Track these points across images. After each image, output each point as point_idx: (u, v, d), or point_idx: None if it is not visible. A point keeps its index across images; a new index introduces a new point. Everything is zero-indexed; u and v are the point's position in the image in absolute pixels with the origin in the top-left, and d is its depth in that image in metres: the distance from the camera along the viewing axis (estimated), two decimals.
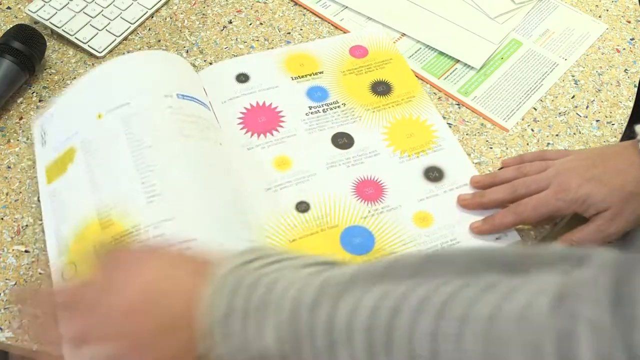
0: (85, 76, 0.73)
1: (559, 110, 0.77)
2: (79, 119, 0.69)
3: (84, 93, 0.71)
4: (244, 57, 0.80)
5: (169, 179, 0.63)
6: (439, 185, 0.70)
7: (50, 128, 0.71)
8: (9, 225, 0.68)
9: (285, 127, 0.73)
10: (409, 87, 0.78)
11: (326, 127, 0.74)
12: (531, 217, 0.64)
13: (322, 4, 0.87)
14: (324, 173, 0.70)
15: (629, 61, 0.82)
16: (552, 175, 0.65)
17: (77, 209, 0.64)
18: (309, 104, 0.76)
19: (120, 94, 0.68)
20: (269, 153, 0.71)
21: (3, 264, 0.65)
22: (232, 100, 0.75)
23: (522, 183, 0.65)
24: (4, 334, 0.60)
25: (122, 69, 0.72)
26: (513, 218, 0.64)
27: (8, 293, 0.63)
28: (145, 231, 0.60)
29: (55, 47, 0.82)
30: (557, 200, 0.63)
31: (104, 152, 0.65)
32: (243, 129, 0.73)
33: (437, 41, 0.83)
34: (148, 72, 0.71)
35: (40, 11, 0.83)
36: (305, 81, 0.77)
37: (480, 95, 0.78)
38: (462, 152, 0.73)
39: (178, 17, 0.86)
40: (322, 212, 0.67)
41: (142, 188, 0.62)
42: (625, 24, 0.86)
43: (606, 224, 0.62)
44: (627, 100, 0.78)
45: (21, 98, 0.77)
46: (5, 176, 0.71)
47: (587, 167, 0.64)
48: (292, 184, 0.69)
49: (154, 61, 0.73)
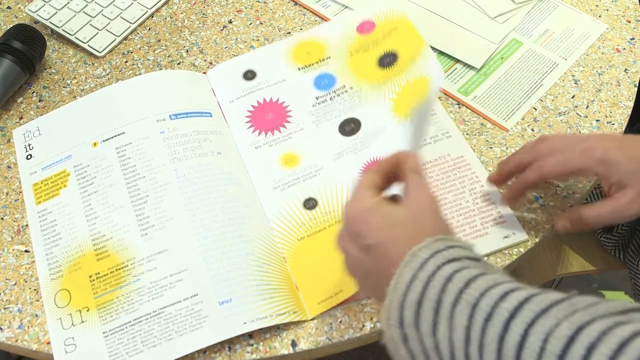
0: (82, 99, 0.74)
1: (559, 110, 0.77)
2: (72, 144, 0.71)
3: (80, 117, 0.73)
4: (252, 53, 0.80)
5: (162, 209, 0.65)
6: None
7: (38, 143, 0.72)
8: (9, 225, 0.67)
9: (292, 122, 0.74)
10: (413, 49, 0.75)
11: (333, 115, 0.74)
12: (552, 173, 0.61)
13: (322, 4, 0.87)
14: (332, 165, 0.70)
15: (629, 61, 0.82)
16: (578, 139, 0.62)
17: (72, 236, 0.65)
18: (315, 94, 0.76)
19: (115, 122, 0.71)
20: (277, 151, 0.72)
21: (3, 264, 0.65)
22: (240, 99, 0.75)
23: (544, 146, 0.63)
24: (4, 334, 0.60)
25: (119, 94, 0.73)
26: (533, 175, 0.62)
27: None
28: (139, 264, 0.63)
29: (55, 47, 0.82)
30: (583, 158, 0.60)
31: (99, 182, 0.68)
32: (251, 127, 0.73)
33: (437, 41, 0.83)
34: (143, 96, 0.73)
35: (40, 11, 0.83)
36: (312, 70, 0.78)
37: (480, 95, 0.78)
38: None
39: (178, 17, 0.86)
40: (330, 207, 0.67)
41: (137, 221, 0.65)
42: (625, 24, 0.86)
43: (627, 205, 0.59)
44: (627, 100, 0.78)
45: (21, 98, 0.77)
46: (5, 176, 0.71)
47: (617, 139, 0.61)
48: (300, 181, 0.69)
49: (150, 84, 0.74)
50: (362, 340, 0.62)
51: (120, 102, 0.73)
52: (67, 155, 0.70)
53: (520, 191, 0.65)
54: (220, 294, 0.61)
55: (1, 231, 0.67)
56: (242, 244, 0.63)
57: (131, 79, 0.75)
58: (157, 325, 0.59)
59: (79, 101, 0.74)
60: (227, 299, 0.60)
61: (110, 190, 0.67)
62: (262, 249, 0.64)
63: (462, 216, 0.67)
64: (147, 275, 0.62)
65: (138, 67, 0.80)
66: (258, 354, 0.60)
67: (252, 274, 0.62)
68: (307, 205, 0.67)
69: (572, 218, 0.63)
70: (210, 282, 0.61)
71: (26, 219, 0.68)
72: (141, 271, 0.62)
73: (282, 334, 0.61)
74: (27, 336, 0.60)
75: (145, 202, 0.66)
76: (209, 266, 0.62)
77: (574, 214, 0.63)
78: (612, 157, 0.59)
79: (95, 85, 0.78)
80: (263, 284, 0.62)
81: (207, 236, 0.64)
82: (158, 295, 0.61)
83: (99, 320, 0.60)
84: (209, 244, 0.63)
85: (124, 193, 0.66)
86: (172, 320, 0.60)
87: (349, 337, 0.61)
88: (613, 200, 0.60)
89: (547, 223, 0.68)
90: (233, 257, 0.63)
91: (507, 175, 0.67)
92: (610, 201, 0.60)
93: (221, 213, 0.65)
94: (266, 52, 0.80)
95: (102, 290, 0.62)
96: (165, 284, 0.61)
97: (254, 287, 0.61)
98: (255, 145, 0.72)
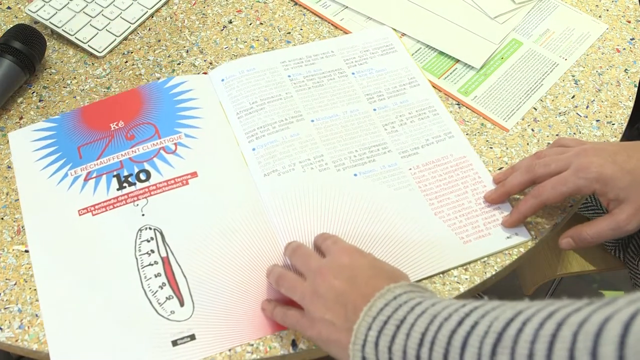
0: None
1: (559, 110, 0.77)
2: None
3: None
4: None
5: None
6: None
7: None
8: (9, 225, 0.67)
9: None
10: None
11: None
12: (551, 198, 0.62)
13: (322, 4, 0.87)
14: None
15: (629, 61, 0.82)
16: (572, 155, 0.62)
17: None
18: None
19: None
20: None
21: (3, 264, 0.65)
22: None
23: (542, 163, 0.64)
24: (4, 334, 0.60)
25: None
26: (533, 201, 0.63)
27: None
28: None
29: (55, 47, 0.82)
30: (578, 178, 0.60)
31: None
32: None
33: (437, 41, 0.83)
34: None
35: (40, 11, 0.83)
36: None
37: (480, 95, 0.78)
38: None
39: (178, 17, 0.86)
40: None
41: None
42: (625, 24, 0.86)
43: (625, 220, 0.60)
44: (627, 100, 0.78)
45: (21, 98, 0.77)
46: (5, 176, 0.71)
47: (611, 152, 0.61)
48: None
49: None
50: None
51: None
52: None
53: (522, 215, 0.66)
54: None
55: (1, 231, 0.67)
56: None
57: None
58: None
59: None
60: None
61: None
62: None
63: (464, 217, 0.67)
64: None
65: (138, 67, 0.80)
66: (258, 354, 0.59)
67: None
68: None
69: (574, 236, 0.64)
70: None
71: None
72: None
73: (282, 334, 0.61)
74: (27, 336, 0.60)
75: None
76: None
77: (576, 232, 0.63)
78: (607, 174, 0.59)
79: (95, 86, 0.78)
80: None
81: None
82: None
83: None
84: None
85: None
86: None
87: None
88: (612, 216, 0.61)
89: (547, 223, 0.68)
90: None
91: (505, 195, 0.67)
92: (610, 217, 0.61)
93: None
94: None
95: None
96: None
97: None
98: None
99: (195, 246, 0.65)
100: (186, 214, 0.67)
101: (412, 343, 0.48)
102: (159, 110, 0.75)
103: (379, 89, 0.78)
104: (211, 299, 0.62)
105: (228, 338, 0.60)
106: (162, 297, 0.62)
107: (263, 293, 0.62)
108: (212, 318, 0.61)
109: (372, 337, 0.50)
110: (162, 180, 0.69)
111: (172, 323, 0.60)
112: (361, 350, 0.50)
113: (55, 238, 0.66)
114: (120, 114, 0.75)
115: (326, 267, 0.56)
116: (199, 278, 0.63)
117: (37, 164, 0.71)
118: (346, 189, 0.69)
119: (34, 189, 0.69)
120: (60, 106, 0.76)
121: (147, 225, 0.66)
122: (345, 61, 0.80)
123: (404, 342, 0.48)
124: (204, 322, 0.60)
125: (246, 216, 0.67)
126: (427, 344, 0.47)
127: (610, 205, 0.61)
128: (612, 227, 0.60)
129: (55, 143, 0.73)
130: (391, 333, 0.49)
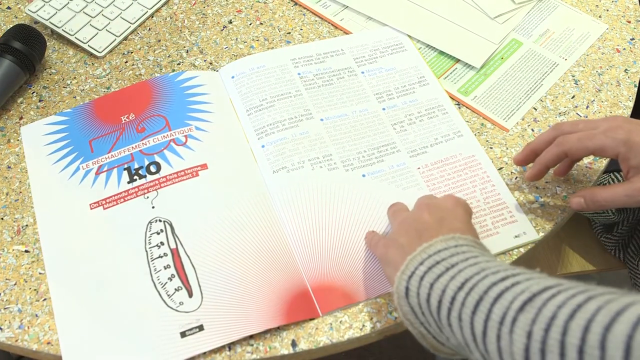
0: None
1: (559, 110, 0.77)
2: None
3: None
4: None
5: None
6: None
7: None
8: (9, 225, 0.67)
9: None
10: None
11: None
12: (573, 149, 0.62)
13: (322, 4, 0.87)
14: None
15: (629, 61, 0.82)
16: (602, 120, 0.62)
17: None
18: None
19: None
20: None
21: (3, 264, 0.65)
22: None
23: (570, 122, 0.64)
24: (4, 334, 0.60)
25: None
26: (555, 149, 0.63)
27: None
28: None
29: (55, 47, 0.82)
30: (606, 137, 0.60)
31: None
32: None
33: (437, 41, 0.83)
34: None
35: (40, 11, 0.83)
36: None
37: (480, 95, 0.78)
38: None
39: (178, 17, 0.86)
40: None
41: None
42: (625, 24, 0.86)
43: None
44: (627, 100, 0.78)
45: (21, 98, 0.77)
46: (5, 176, 0.71)
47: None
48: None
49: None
50: (362, 340, 0.62)
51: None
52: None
53: (543, 166, 0.65)
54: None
55: (1, 231, 0.67)
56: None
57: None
58: None
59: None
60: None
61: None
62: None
63: (472, 215, 0.67)
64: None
65: (138, 67, 0.80)
66: (258, 354, 0.60)
67: None
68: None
69: (586, 196, 0.63)
70: None
71: (26, 219, 0.68)
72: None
73: (282, 334, 0.61)
74: (27, 336, 0.60)
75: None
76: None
77: (588, 193, 0.63)
78: (635, 140, 0.59)
79: (95, 86, 0.78)
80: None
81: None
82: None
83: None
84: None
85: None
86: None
87: (349, 337, 0.61)
88: (630, 183, 0.60)
89: (547, 223, 0.68)
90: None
91: (531, 153, 0.67)
92: (627, 184, 0.60)
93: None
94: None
95: None
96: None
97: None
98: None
99: (204, 238, 0.65)
100: (196, 205, 0.67)
101: (453, 285, 0.50)
102: (169, 103, 0.75)
103: (389, 88, 0.78)
104: (219, 290, 0.62)
105: (236, 329, 0.60)
106: (171, 288, 0.62)
107: (270, 285, 0.63)
108: (220, 309, 0.61)
109: (420, 271, 0.53)
110: (172, 172, 0.70)
111: (180, 314, 0.60)
112: (407, 280, 0.53)
113: (67, 232, 0.66)
114: (131, 107, 0.75)
115: (432, 203, 0.60)
116: (207, 269, 0.63)
117: (48, 158, 0.71)
118: (354, 188, 0.69)
119: (46, 183, 0.69)
120: (60, 106, 0.76)
121: (157, 218, 0.66)
122: (355, 60, 0.80)
123: (447, 282, 0.51)
124: (213, 312, 0.61)
125: (254, 210, 0.67)
126: (466, 289, 0.49)
127: (630, 173, 0.60)
128: (628, 193, 0.60)
129: (67, 137, 0.73)
130: (439, 272, 0.52)
